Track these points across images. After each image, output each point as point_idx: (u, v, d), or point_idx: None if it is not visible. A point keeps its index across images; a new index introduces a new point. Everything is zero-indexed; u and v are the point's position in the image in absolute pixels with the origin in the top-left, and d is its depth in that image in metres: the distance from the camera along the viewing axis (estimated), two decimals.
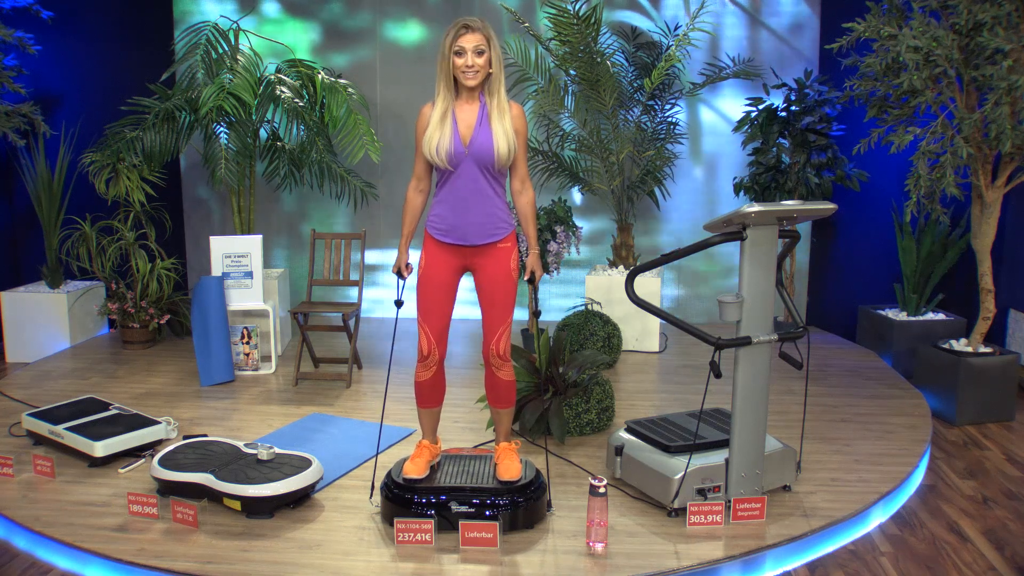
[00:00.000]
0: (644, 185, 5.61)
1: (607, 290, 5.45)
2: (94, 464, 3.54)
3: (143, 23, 6.23)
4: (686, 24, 5.19)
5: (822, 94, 5.46)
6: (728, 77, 5.63)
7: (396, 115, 6.34)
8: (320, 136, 5.41)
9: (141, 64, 6.00)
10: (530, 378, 3.88)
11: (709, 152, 6.18)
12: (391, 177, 6.39)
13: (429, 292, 3.05)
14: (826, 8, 5.97)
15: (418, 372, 3.13)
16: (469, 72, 2.91)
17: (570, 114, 5.55)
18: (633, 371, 5.04)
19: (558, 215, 5.06)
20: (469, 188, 2.97)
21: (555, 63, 5.41)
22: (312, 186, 5.81)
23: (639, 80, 5.64)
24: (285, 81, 5.29)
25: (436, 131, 2.94)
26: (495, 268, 3.04)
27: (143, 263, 5.54)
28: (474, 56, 2.90)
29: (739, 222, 2.88)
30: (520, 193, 3.09)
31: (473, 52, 2.90)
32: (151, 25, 6.28)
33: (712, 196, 6.20)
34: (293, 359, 5.16)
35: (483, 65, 2.92)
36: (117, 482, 3.39)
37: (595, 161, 5.64)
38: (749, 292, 2.95)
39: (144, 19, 6.25)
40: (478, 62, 2.90)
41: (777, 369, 4.60)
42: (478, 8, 6.19)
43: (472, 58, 2.90)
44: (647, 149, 5.63)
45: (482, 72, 2.93)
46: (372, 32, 6.29)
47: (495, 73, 2.95)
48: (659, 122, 5.71)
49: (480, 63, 2.91)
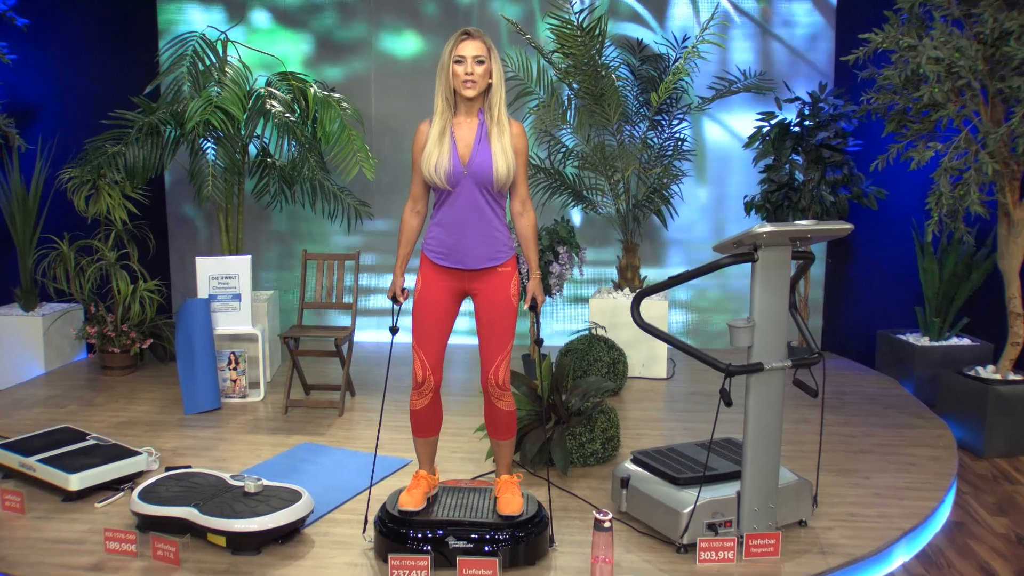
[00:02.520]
0: (650, 204, 5.62)
1: (612, 314, 5.45)
2: (69, 498, 3.49)
3: (126, 33, 6.27)
4: (694, 36, 5.21)
5: (837, 108, 5.49)
6: (739, 91, 5.66)
7: (392, 130, 6.37)
8: (312, 152, 5.43)
9: (123, 76, 6.04)
10: (531, 406, 3.87)
11: (718, 169, 6.20)
12: (386, 196, 6.41)
13: (425, 317, 3.06)
14: (841, 18, 6.01)
15: (413, 400, 3.12)
16: (468, 82, 2.92)
17: (573, 130, 5.58)
18: (639, 399, 5.02)
19: (560, 235, 5.06)
20: (468, 210, 2.99)
21: (557, 76, 5.45)
22: (304, 204, 5.81)
23: (645, 94, 5.66)
24: (276, 95, 5.32)
25: (435, 150, 2.96)
26: (494, 294, 3.04)
27: (124, 285, 5.52)
28: (474, 64, 2.92)
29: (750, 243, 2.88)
30: (520, 215, 3.10)
31: (473, 60, 2.92)
32: (134, 35, 6.32)
33: (722, 215, 6.21)
34: (283, 386, 5.14)
35: (483, 75, 2.93)
36: (93, 517, 3.35)
37: (599, 179, 5.66)
38: (761, 316, 2.95)
39: (127, 28, 6.28)
40: (478, 71, 2.92)
41: (791, 397, 4.58)
42: (477, 20, 6.24)
43: (472, 65, 2.91)
44: (653, 166, 5.65)
45: (481, 83, 2.94)
46: (367, 44, 6.34)
47: (495, 86, 2.97)
48: (666, 138, 5.74)
49: (480, 72, 2.92)
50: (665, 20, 6.12)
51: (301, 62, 6.35)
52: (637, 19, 6.14)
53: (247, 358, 5.02)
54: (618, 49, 5.81)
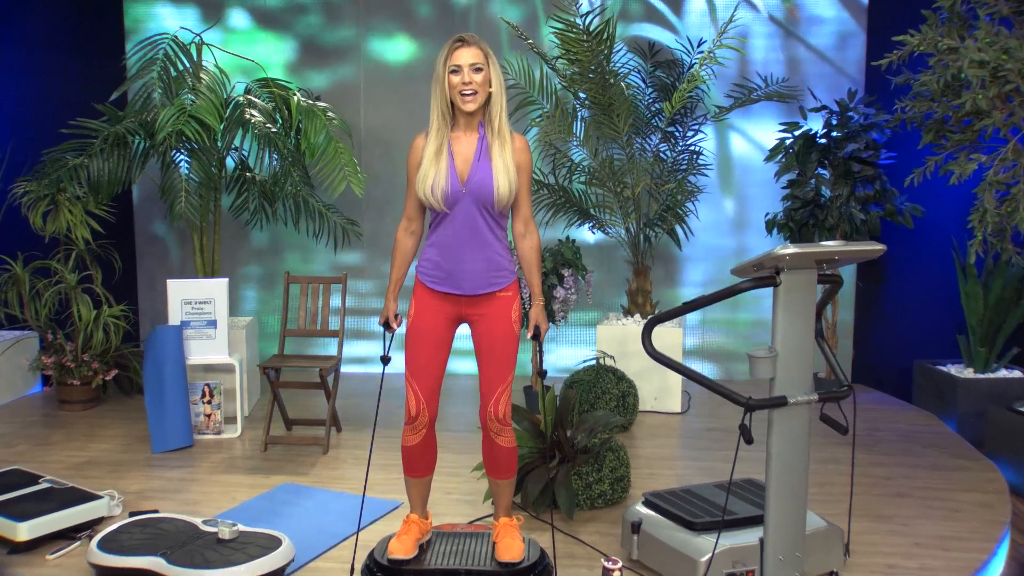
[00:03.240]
0: (663, 223, 5.62)
1: (621, 342, 5.46)
2: (16, 550, 3.39)
3: (88, 33, 6.25)
4: (712, 40, 5.25)
5: (868, 117, 5.49)
6: (760, 99, 5.68)
7: (383, 143, 6.40)
8: (295, 166, 5.45)
9: (86, 80, 6.04)
10: (533, 443, 3.86)
11: (738, 185, 6.23)
12: (377, 213, 6.44)
13: (419, 346, 3.08)
14: (873, 19, 6.03)
15: (406, 436, 3.13)
16: (467, 93, 2.94)
17: (579, 142, 5.60)
18: (652, 435, 5.02)
19: (565, 257, 5.09)
20: (466, 231, 3.01)
21: (562, 84, 5.48)
22: (286, 223, 5.83)
23: (658, 103, 5.69)
24: (256, 103, 5.36)
25: (431, 168, 2.98)
26: (494, 321, 3.06)
27: (86, 310, 5.50)
28: (471, 73, 2.94)
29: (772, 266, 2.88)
30: (523, 237, 3.13)
31: (470, 69, 2.94)
32: (98, 36, 6.32)
33: (741, 235, 6.24)
34: (262, 421, 5.13)
35: (481, 84, 2.96)
36: (43, 572, 3.29)
37: (608, 195, 5.67)
38: (784, 345, 2.95)
39: (89, 28, 6.27)
40: (476, 79, 2.94)
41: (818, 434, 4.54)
42: (475, 23, 6.30)
43: (469, 74, 2.94)
44: (667, 181, 5.67)
45: (481, 93, 2.97)
46: (355, 49, 6.39)
47: (495, 95, 3.00)
48: (681, 151, 5.76)
49: (478, 81, 2.94)
50: (681, 19, 6.17)
51: (283, 68, 6.39)
52: (651, 17, 6.17)
53: (223, 390, 5.02)
54: (629, 54, 5.83)
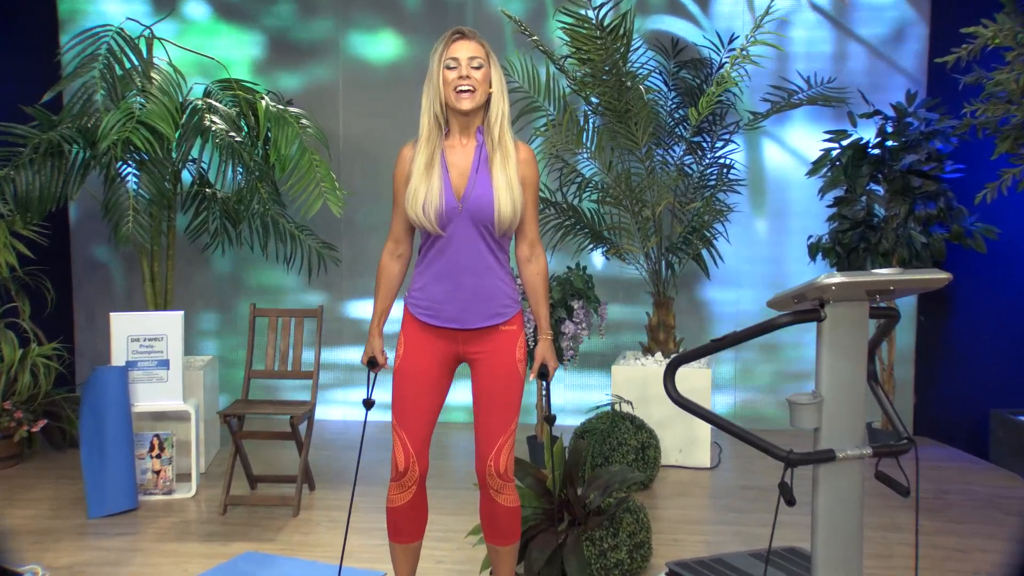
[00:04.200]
0: (689, 247, 5.63)
1: (641, 385, 5.44)
2: None
3: (14, 23, 6.19)
4: (745, 35, 5.25)
5: (930, 123, 5.46)
6: (802, 104, 5.69)
7: (365, 154, 6.42)
8: (263, 181, 5.46)
9: (12, 79, 5.99)
10: (539, 502, 3.83)
11: (775, 203, 6.24)
12: (357, 235, 6.44)
13: (409, 389, 3.08)
14: (938, 8, 6.00)
15: (392, 495, 3.12)
16: (464, 90, 2.96)
17: (591, 154, 5.61)
18: (676, 494, 4.99)
19: (576, 286, 5.08)
20: (463, 255, 3.02)
21: (572, 87, 5.50)
22: (252, 247, 5.85)
23: (682, 109, 5.70)
24: (217, 108, 5.37)
25: (421, 183, 2.99)
26: (495, 360, 3.08)
27: (10, 349, 5.45)
28: (470, 67, 2.96)
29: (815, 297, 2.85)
30: (528, 261, 3.15)
31: (468, 63, 2.97)
32: (26, 26, 6.28)
33: (780, 261, 6.24)
34: (221, 478, 5.09)
35: (480, 81, 2.98)
36: None
37: (624, 215, 5.68)
38: (831, 390, 2.91)
39: (15, 17, 6.20)
40: (475, 76, 2.97)
41: (874, 495, 4.53)
42: (471, 16, 6.33)
43: (467, 68, 2.96)
44: (692, 199, 5.67)
45: (480, 92, 2.99)
46: (333, 45, 6.42)
47: (496, 97, 3.02)
48: (709, 164, 5.78)
49: (477, 78, 2.97)
50: (709, 12, 6.20)
51: (249, 67, 6.42)
52: (674, 9, 6.21)
53: (175, 442, 4.99)
54: (648, 52, 5.86)
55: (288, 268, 5.97)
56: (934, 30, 6.04)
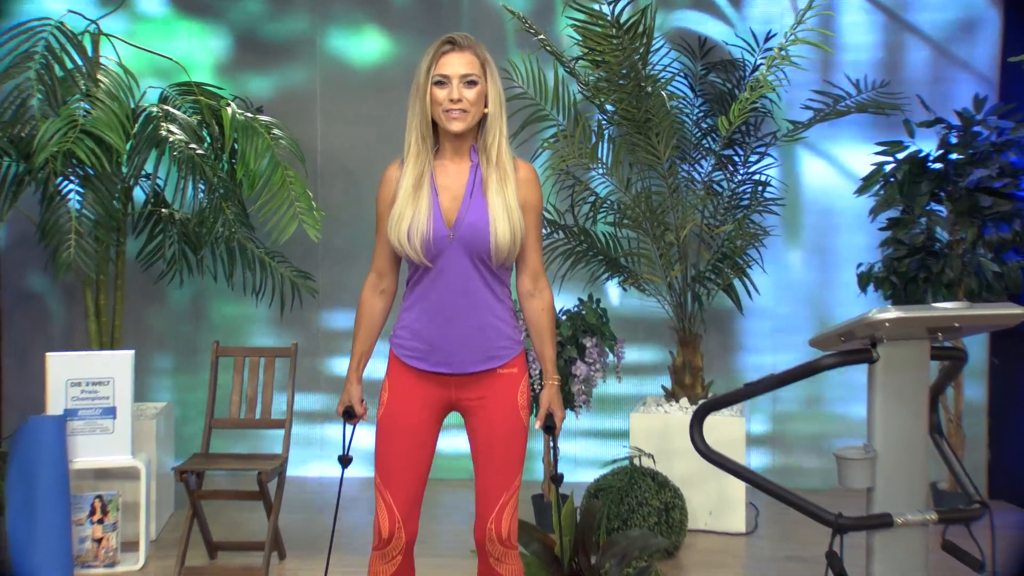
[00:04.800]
0: (719, 276, 5.62)
1: (663, 436, 5.43)
2: None
3: None
4: (784, 32, 5.20)
5: (1003, 133, 5.44)
6: (850, 111, 5.68)
7: (346, 170, 6.43)
8: (229, 200, 5.46)
9: None
10: (546, 573, 3.82)
11: (819, 225, 6.22)
12: (337, 263, 6.44)
13: (394, 443, 3.09)
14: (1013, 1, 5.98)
15: (374, 565, 3.13)
16: (455, 111, 2.98)
17: (606, 170, 5.60)
18: (706, 563, 4.98)
19: (588, 322, 5.07)
20: (456, 289, 3.04)
21: (584, 93, 5.51)
22: (216, 276, 5.84)
23: (711, 118, 5.70)
24: (175, 116, 5.35)
25: (407, 207, 3.01)
26: (495, 408, 3.10)
27: None
28: (462, 87, 2.98)
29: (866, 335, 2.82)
30: (531, 296, 3.18)
31: (460, 81, 2.99)
32: None
33: (824, 293, 6.22)
34: (175, 546, 5.03)
35: (474, 101, 3.00)
36: None
37: (644, 240, 5.67)
38: (886, 443, 2.88)
39: None
40: (467, 96, 2.99)
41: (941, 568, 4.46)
42: (468, 14, 6.33)
43: (459, 89, 2.98)
44: (723, 221, 5.67)
45: (473, 112, 3.01)
46: (310, 44, 6.43)
47: (493, 115, 3.05)
48: (741, 181, 5.78)
49: (471, 98, 2.99)
50: (741, 7, 6.21)
51: (213, 69, 6.42)
52: (700, 3, 6.22)
53: (121, 505, 4.92)
54: (672, 53, 5.87)
55: (257, 301, 5.94)
56: (1009, 23, 6.00)
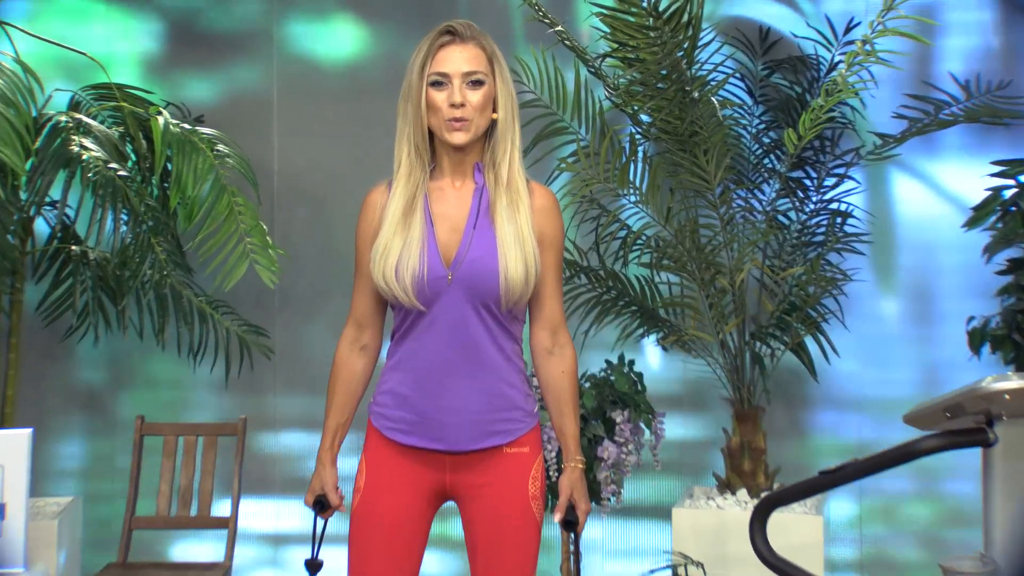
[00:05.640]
0: (786, 332, 5.58)
1: (715, 537, 5.42)
2: None
3: None
4: (870, 21, 5.17)
5: None
6: (956, 121, 5.64)
7: (311, 197, 6.43)
8: (160, 235, 5.44)
9: None
10: None
11: (916, 267, 6.16)
12: (299, 314, 6.42)
13: (373, 541, 3.13)
14: None
15: None
16: (456, 119, 2.99)
17: (641, 197, 5.58)
18: None
19: (619, 390, 5.06)
20: (454, 344, 3.07)
21: (612, 100, 5.49)
22: (142, 331, 5.83)
23: (775, 131, 5.70)
24: (90, 127, 5.35)
25: (396, 239, 3.03)
26: (500, 497, 3.14)
27: None
28: (465, 88, 3.00)
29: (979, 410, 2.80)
30: (548, 354, 3.21)
31: (463, 81, 3.00)
32: None
33: (924, 354, 6.16)
34: None
35: (480, 106, 3.02)
36: None
37: (689, 285, 5.64)
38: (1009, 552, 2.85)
39: None
40: (472, 100, 3.01)
41: None
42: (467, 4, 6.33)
43: (461, 90, 2.99)
44: (791, 263, 5.65)
45: (479, 120, 3.03)
46: (264, 37, 6.44)
47: (504, 123, 3.09)
48: (815, 210, 5.75)
49: (476, 102, 3.01)
50: None
51: (139, 67, 6.41)
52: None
53: None
54: (725, 48, 5.83)
55: (195, 363, 5.93)
56: None
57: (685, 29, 5.07)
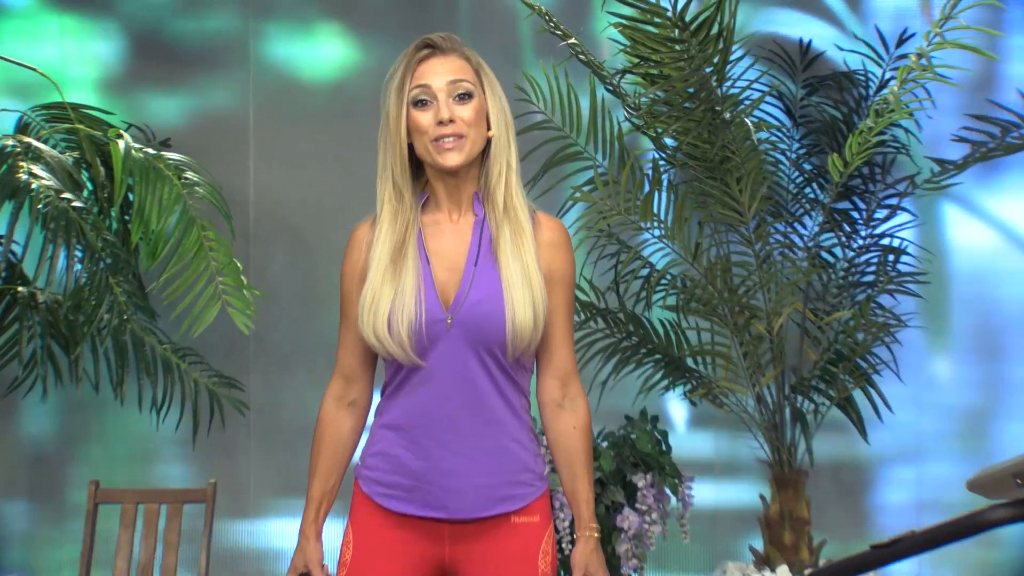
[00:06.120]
0: (831, 385, 5.57)
1: None
2: None
3: None
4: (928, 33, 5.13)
5: None
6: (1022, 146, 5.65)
7: (291, 229, 6.46)
8: (120, 275, 5.43)
9: None
10: None
11: (980, 311, 6.20)
12: (277, 364, 6.44)
13: None
14: None
15: None
16: (447, 138, 2.97)
17: (665, 231, 5.59)
18: None
19: (640, 451, 5.07)
20: (455, 398, 3.06)
21: (632, 121, 5.51)
22: (98, 384, 5.83)
23: (817, 156, 5.72)
24: (40, 152, 5.33)
25: (386, 285, 3.02)
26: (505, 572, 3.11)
27: None
28: (451, 101, 2.99)
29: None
30: (560, 408, 3.18)
31: (449, 93, 2.99)
32: None
33: (989, 412, 6.18)
34: None
35: (472, 120, 3.01)
36: None
37: (720, 330, 5.65)
38: None
39: None
40: (462, 114, 2.99)
41: None
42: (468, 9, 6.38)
43: (448, 104, 2.98)
44: (836, 306, 5.67)
45: (473, 136, 3.01)
46: (239, 50, 6.47)
47: (498, 141, 3.07)
48: (863, 247, 5.77)
49: (467, 116, 3.00)
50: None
51: (97, 85, 6.45)
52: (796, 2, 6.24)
53: None
54: (760, 64, 5.86)
55: (159, 420, 5.90)
56: None
57: (715, 42, 5.06)
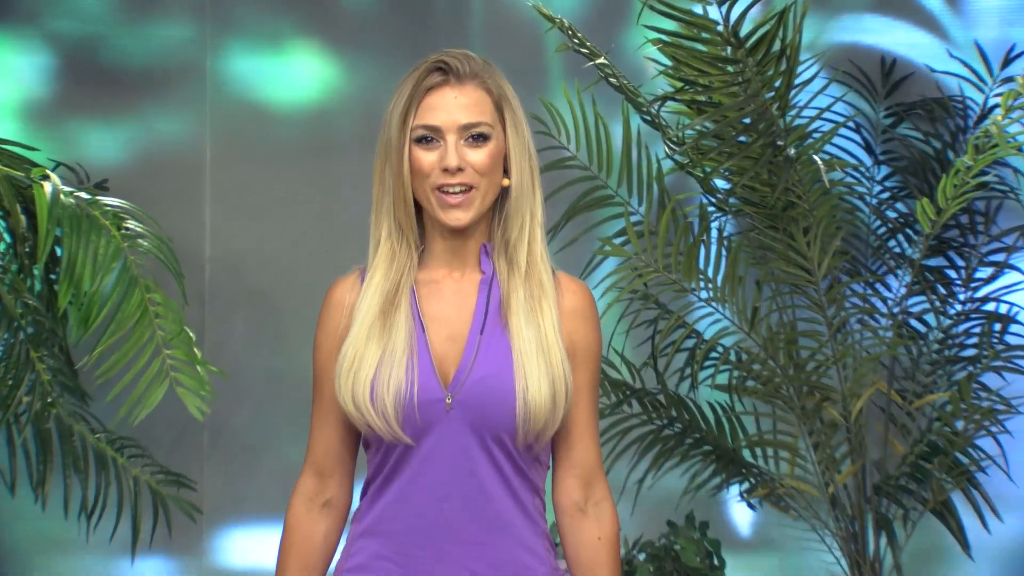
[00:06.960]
0: (924, 486, 5.63)
1: None
2: None
3: None
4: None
5: None
6: None
7: (253, 291, 6.54)
8: (45, 347, 5.56)
9: None
10: None
11: None
12: (237, 458, 6.53)
13: None
14: None
15: None
16: (453, 189, 2.96)
17: (714, 293, 5.66)
18: None
19: (687, 565, 5.15)
20: (454, 494, 3.02)
21: (674, 158, 5.56)
22: (14, 483, 5.89)
23: (902, 202, 5.80)
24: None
25: (371, 345, 2.99)
26: None
27: None
28: (463, 146, 2.97)
29: None
30: (581, 513, 3.12)
31: (461, 137, 2.97)
32: None
33: None
34: None
35: (486, 169, 2.98)
36: None
37: (784, 416, 5.71)
38: None
39: None
40: (475, 161, 2.96)
41: None
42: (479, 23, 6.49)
43: (458, 150, 2.96)
44: (929, 387, 5.73)
45: (485, 188, 2.99)
46: (193, 72, 6.58)
47: (520, 190, 3.05)
48: (962, 313, 5.83)
49: (480, 163, 2.96)
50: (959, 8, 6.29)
51: (19, 114, 6.55)
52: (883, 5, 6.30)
53: None
54: (835, 87, 5.90)
55: (91, 526, 5.99)
56: None
57: (777, 62, 5.17)
